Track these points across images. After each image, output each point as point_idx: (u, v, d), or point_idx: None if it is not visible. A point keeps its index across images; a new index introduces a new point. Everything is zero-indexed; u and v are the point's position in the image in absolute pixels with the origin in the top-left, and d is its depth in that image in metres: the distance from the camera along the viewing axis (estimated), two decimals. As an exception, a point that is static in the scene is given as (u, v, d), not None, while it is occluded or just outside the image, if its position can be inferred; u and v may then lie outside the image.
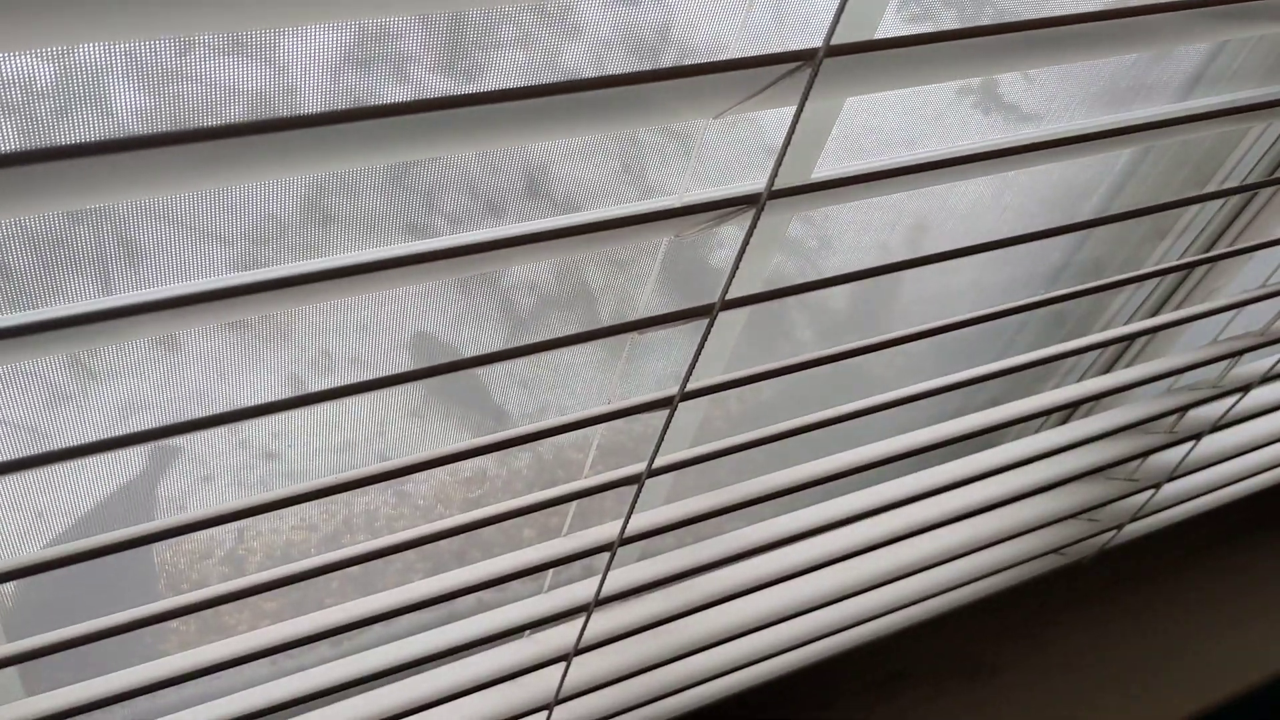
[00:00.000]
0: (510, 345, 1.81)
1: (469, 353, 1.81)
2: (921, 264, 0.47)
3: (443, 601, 0.56)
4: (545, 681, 0.62)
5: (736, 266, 0.40)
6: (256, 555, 1.22)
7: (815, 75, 0.34)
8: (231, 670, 0.61)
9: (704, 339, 0.43)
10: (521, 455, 1.39)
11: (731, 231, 2.02)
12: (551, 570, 0.59)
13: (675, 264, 1.91)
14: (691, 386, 0.44)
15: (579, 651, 0.58)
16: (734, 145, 2.11)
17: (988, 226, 1.37)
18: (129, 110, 1.67)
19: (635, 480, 0.48)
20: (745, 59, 0.33)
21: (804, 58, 0.34)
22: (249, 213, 1.72)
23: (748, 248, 0.41)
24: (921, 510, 0.73)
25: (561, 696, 0.62)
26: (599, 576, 0.55)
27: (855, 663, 0.77)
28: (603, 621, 0.58)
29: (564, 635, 0.59)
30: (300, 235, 1.71)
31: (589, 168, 1.83)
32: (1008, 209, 1.21)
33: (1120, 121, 0.52)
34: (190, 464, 1.53)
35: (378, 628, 0.64)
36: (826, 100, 0.36)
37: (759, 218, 0.39)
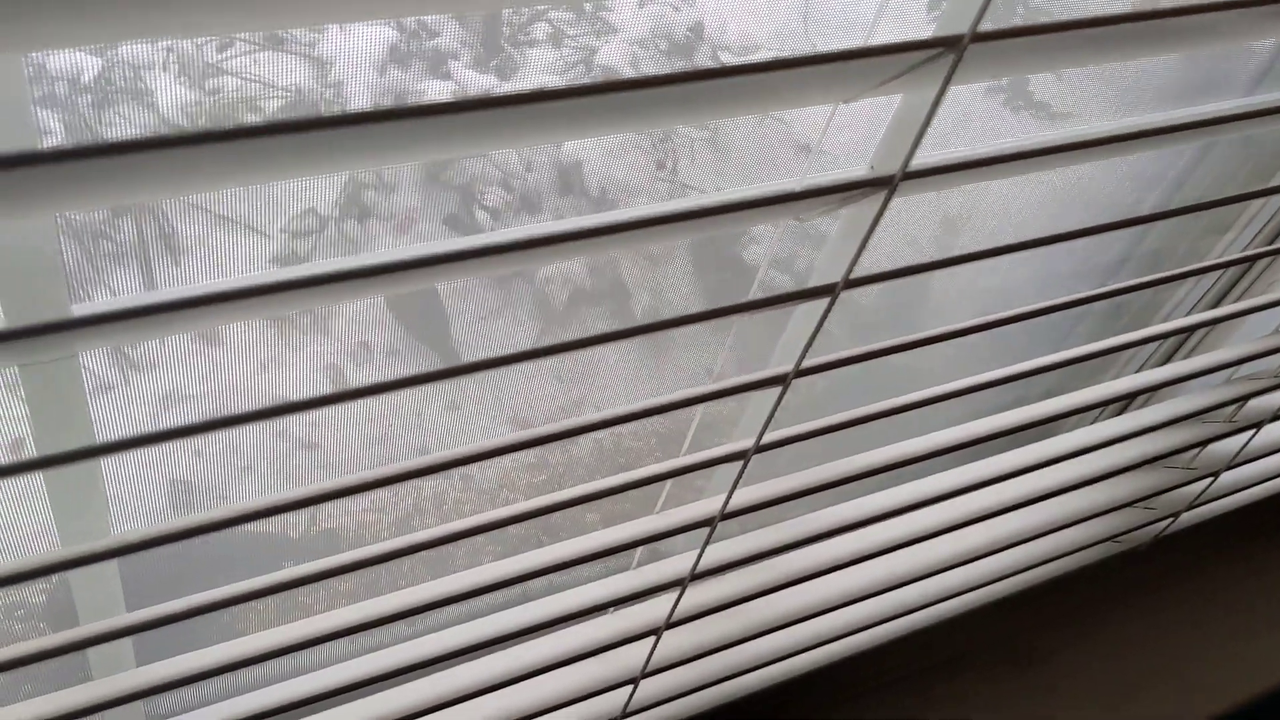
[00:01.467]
0: (543, 339, 1.82)
1: (501, 346, 1.82)
2: (1013, 250, 0.48)
3: (534, 578, 0.57)
4: (631, 656, 0.63)
5: (863, 246, 0.41)
6: (329, 537, 1.24)
7: (959, 61, 0.35)
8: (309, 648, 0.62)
9: (824, 317, 0.44)
10: (581, 443, 1.40)
11: (765, 230, 2.03)
12: (628, 550, 0.60)
13: (706, 261, 1.92)
14: (807, 364, 0.46)
15: (670, 625, 0.59)
16: (762, 144, 2.12)
17: (1046, 220, 1.38)
18: (171, 104, 1.69)
19: (741, 456, 0.49)
20: (889, 45, 0.34)
21: (948, 44, 0.35)
22: (288, 207, 1.73)
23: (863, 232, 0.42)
24: (980, 499, 0.74)
25: (649, 670, 0.63)
26: (695, 552, 0.56)
27: (915, 645, 0.79)
28: (695, 596, 0.59)
29: (654, 610, 0.60)
30: (338, 229, 1.73)
31: (621, 166, 1.84)
32: (1073, 202, 1.21)
33: (1202, 115, 0.53)
34: (230, 454, 1.54)
35: (456, 607, 0.65)
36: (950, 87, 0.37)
37: (890, 199, 0.41)
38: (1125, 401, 0.95)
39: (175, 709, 0.71)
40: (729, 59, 1.91)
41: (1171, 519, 0.88)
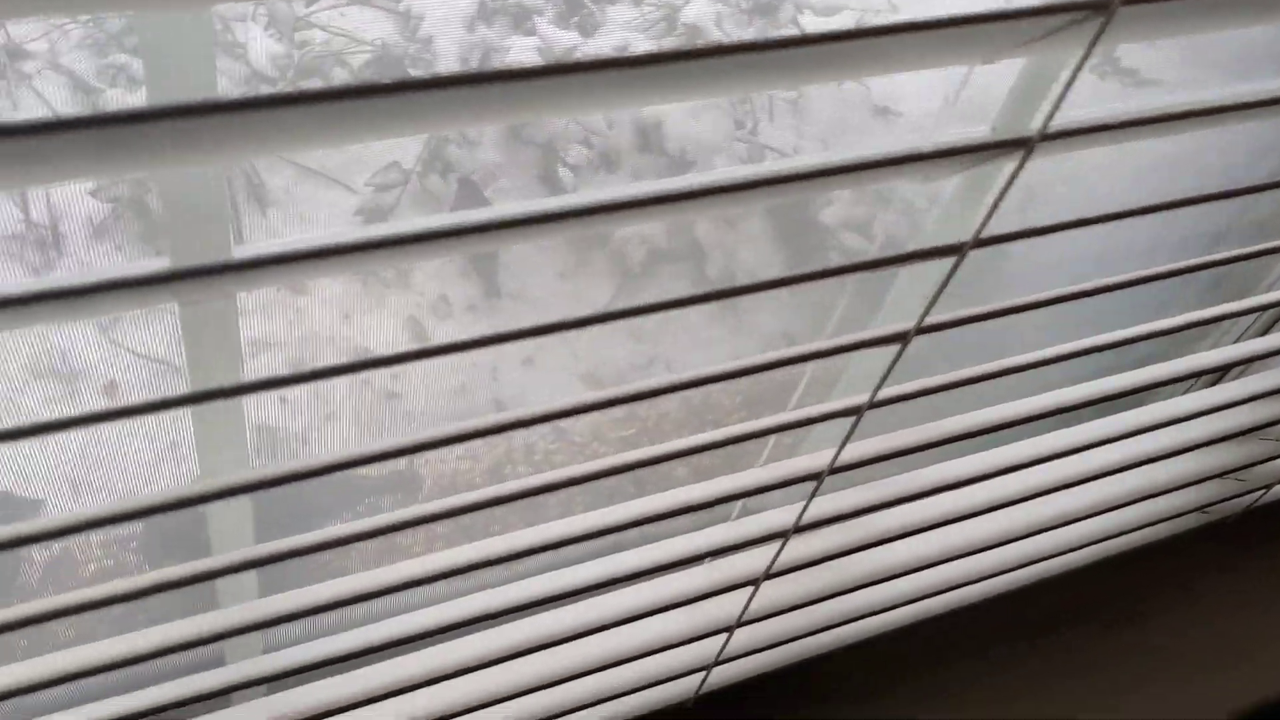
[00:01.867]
0: (620, 301, 1.83)
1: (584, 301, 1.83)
2: (1148, 212, 0.49)
3: (638, 526, 0.59)
4: (726, 606, 0.65)
5: (995, 207, 0.42)
6: (426, 481, 1.28)
7: (1107, 23, 0.35)
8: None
9: (949, 276, 0.45)
10: (670, 398, 1.42)
11: (841, 191, 2.02)
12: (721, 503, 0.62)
13: (781, 223, 1.92)
14: (928, 322, 0.46)
15: (769, 576, 0.61)
16: (840, 106, 2.10)
17: (1154, 187, 1.36)
18: (261, 56, 1.72)
19: (855, 412, 0.50)
20: (1037, 7, 0.35)
21: (1096, 6, 0.35)
22: (373, 161, 1.76)
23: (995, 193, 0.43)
24: (1074, 464, 0.74)
25: (744, 620, 0.64)
26: (800, 504, 0.57)
27: (1011, 606, 0.80)
28: (796, 549, 0.61)
29: (753, 561, 0.62)
30: (421, 184, 1.75)
31: (701, 124, 1.84)
32: (1184, 168, 1.20)
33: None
34: (316, 401, 1.58)
35: (550, 555, 0.67)
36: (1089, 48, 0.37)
37: (1027, 159, 0.41)
38: (1221, 372, 0.95)
39: (286, 642, 0.74)
40: (810, 18, 1.90)
41: (1263, 490, 0.88)
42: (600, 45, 1.57)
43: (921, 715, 0.82)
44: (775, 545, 0.61)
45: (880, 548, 0.64)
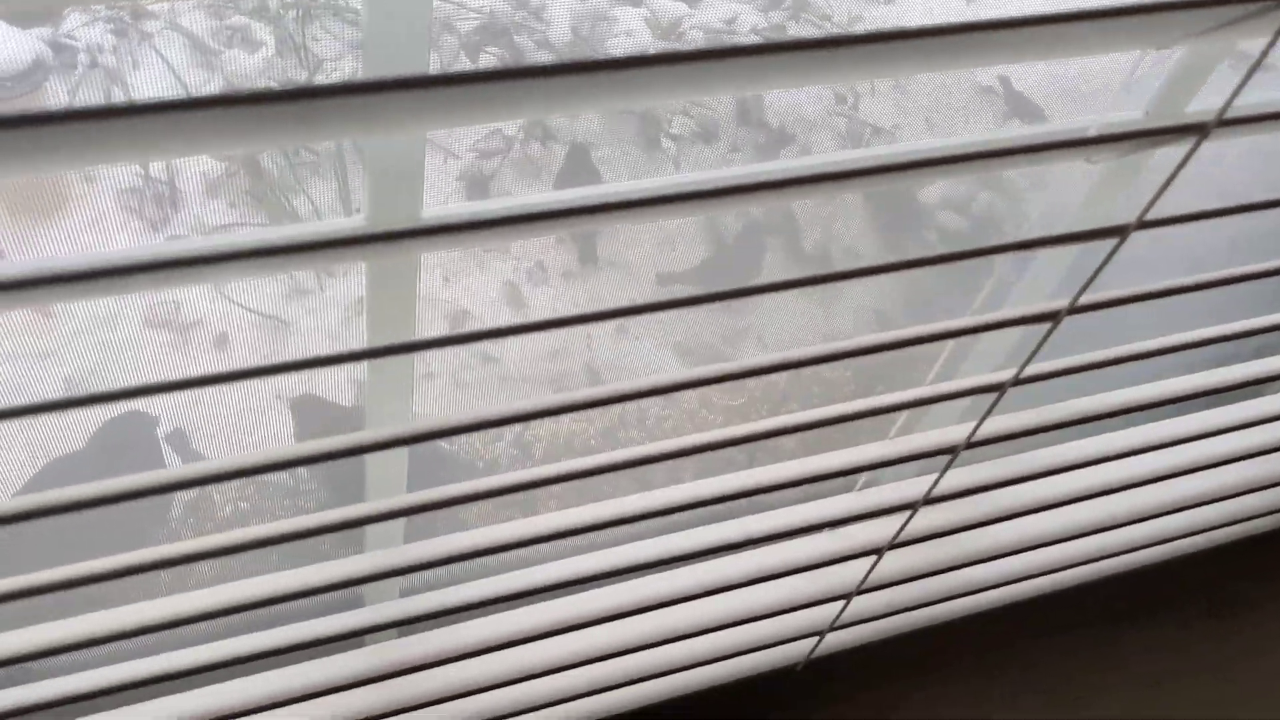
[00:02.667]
0: (713, 269, 1.84)
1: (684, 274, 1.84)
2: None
3: (763, 493, 0.61)
4: (847, 573, 0.66)
5: (1163, 190, 0.42)
6: (542, 442, 1.32)
7: (1296, 12, 0.36)
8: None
9: (1109, 257, 0.45)
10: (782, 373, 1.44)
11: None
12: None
13: (878, 200, 1.91)
14: (1082, 302, 0.47)
15: (893, 546, 0.63)
16: (942, 83, 2.08)
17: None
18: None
19: (998, 388, 0.51)
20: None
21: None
22: (476, 128, 1.79)
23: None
24: (1185, 452, 0.74)
25: (864, 587, 0.66)
26: (933, 476, 0.59)
27: (1109, 589, 0.80)
28: (922, 520, 0.62)
29: (878, 530, 0.63)
30: (523, 150, 1.78)
31: (801, 97, 1.83)
32: None
33: None
34: (415, 360, 1.63)
35: (666, 518, 0.69)
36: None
37: (1200, 144, 0.41)
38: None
39: (420, 587, 0.77)
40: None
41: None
42: (708, 17, 1.57)
43: (1024, 693, 0.83)
44: (903, 516, 0.62)
45: (1005, 523, 0.65)
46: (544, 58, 1.74)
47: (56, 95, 1.59)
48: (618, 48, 1.53)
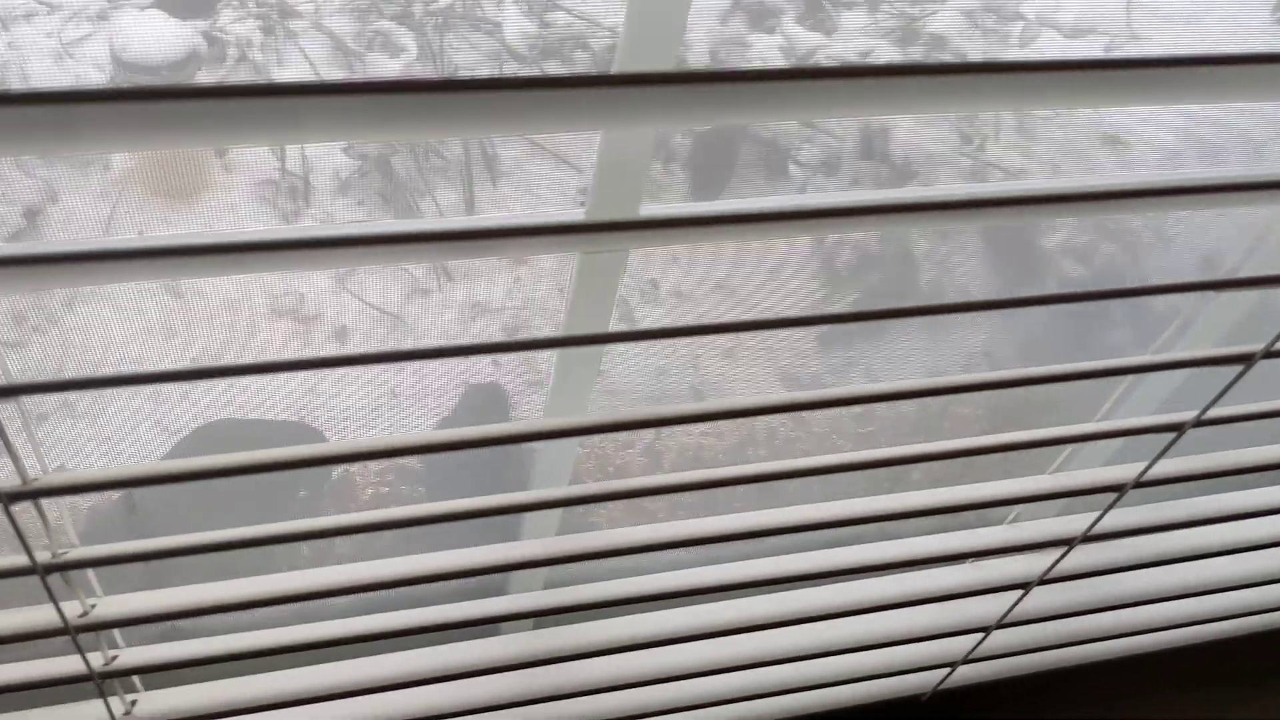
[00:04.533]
0: (827, 303, 1.83)
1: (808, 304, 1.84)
2: None
3: (925, 515, 0.61)
4: (989, 606, 0.66)
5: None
6: (671, 452, 1.33)
7: None
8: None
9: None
10: (909, 401, 1.43)
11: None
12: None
13: (998, 242, 1.90)
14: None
15: (1044, 581, 0.62)
16: (1068, 129, 2.06)
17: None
18: (515, 33, 1.79)
19: (1176, 428, 0.50)
20: None
21: None
22: (598, 141, 1.82)
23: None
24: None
25: (1006, 622, 0.66)
26: (1093, 514, 0.58)
27: (1253, 646, 0.78)
28: (1077, 557, 0.61)
29: (1027, 564, 0.63)
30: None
31: (928, 135, 1.83)
32: None
33: None
34: (524, 368, 1.64)
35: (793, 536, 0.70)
36: None
37: None
38: None
39: (560, 583, 0.78)
40: (1053, 36, 1.87)
41: None
42: (844, 49, 1.58)
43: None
44: (1056, 552, 0.62)
45: (1162, 568, 0.64)
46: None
47: (206, 85, 1.65)
48: (753, 73, 1.54)
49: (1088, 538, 0.59)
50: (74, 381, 0.39)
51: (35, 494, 0.40)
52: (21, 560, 0.42)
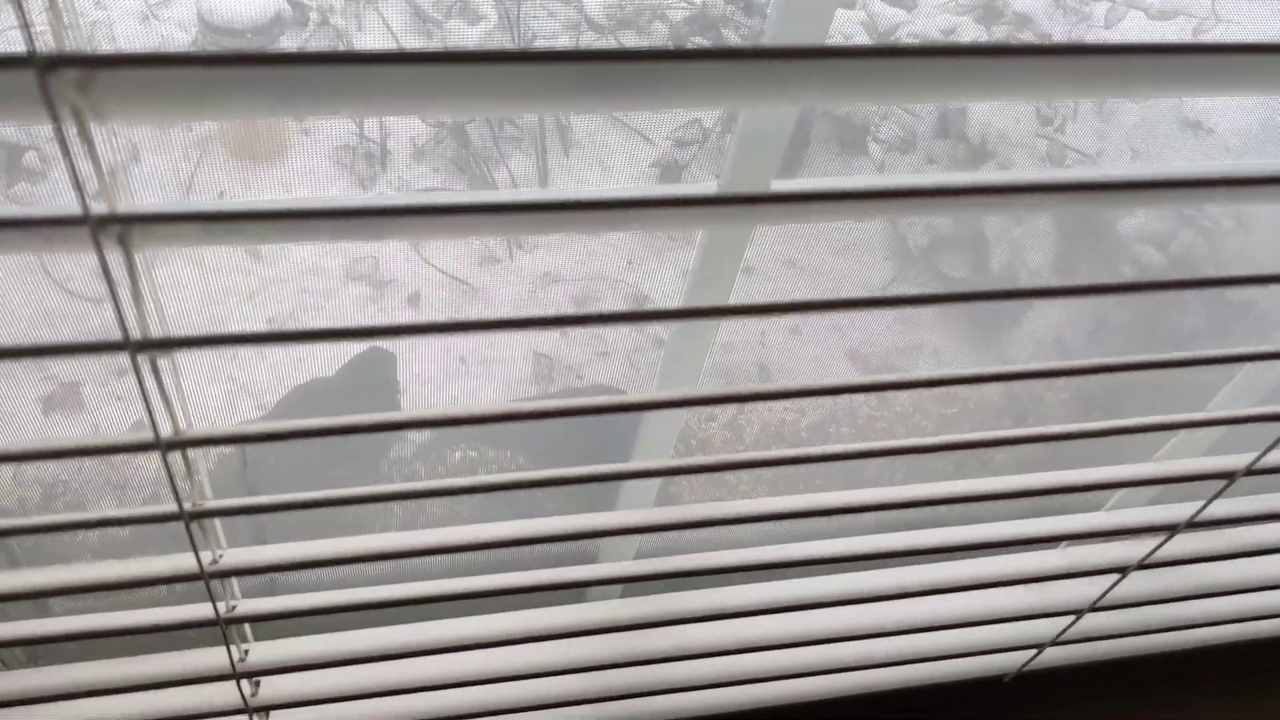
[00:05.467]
0: (897, 283, 1.82)
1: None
2: None
3: (1010, 498, 0.61)
4: (1081, 590, 0.66)
5: None
6: (754, 426, 1.34)
7: None
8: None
9: None
10: (995, 385, 1.43)
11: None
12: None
13: (1074, 225, 1.87)
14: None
15: (1142, 566, 0.62)
16: (1148, 115, 2.02)
17: None
18: (594, 2, 1.79)
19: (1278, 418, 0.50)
20: None
21: None
22: (674, 116, 1.82)
23: None
24: None
25: (1099, 605, 0.66)
26: (1197, 503, 0.58)
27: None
28: (1178, 545, 0.61)
29: (1124, 550, 0.63)
30: (717, 143, 1.80)
31: (1006, 117, 1.81)
32: None
33: None
34: (593, 339, 1.66)
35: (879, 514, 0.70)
36: None
37: None
38: None
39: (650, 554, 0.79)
40: (1140, 20, 1.84)
41: None
42: (926, 26, 1.57)
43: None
44: (1157, 538, 0.62)
45: (1261, 558, 0.63)
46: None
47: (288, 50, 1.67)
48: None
49: (1194, 524, 0.59)
50: (218, 337, 0.41)
51: (186, 444, 0.41)
52: (168, 507, 0.44)
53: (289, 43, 1.70)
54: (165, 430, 0.41)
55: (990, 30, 1.56)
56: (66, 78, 0.29)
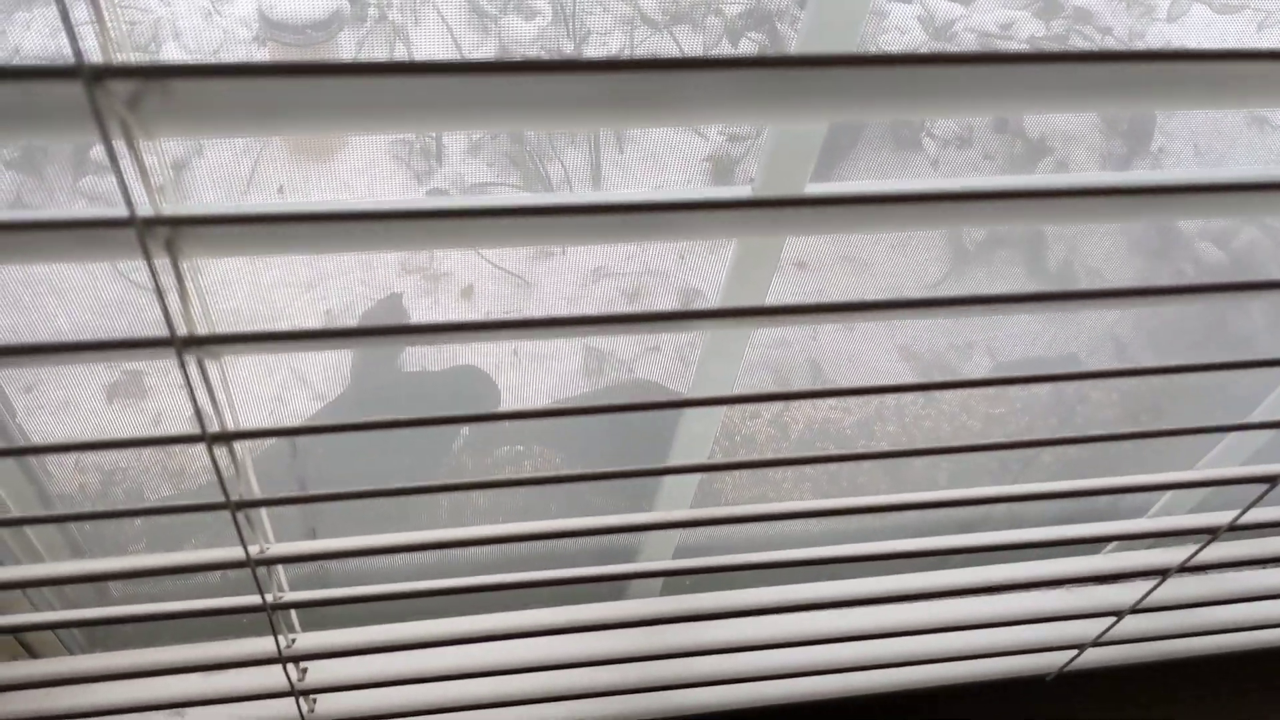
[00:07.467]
0: (947, 281, 1.81)
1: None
2: None
3: (1060, 498, 0.61)
4: (1123, 592, 0.66)
5: None
6: (799, 423, 1.34)
7: None
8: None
9: None
10: (1042, 385, 1.42)
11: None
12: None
13: (1133, 224, 1.84)
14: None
15: (1183, 569, 0.61)
16: (1210, 111, 1.98)
17: None
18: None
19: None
20: None
21: None
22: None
23: None
24: None
25: (1140, 607, 0.65)
26: (1235, 510, 0.57)
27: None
28: (1218, 549, 0.61)
29: (1165, 553, 0.62)
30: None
31: (1066, 114, 1.78)
32: None
33: None
34: (641, 336, 1.66)
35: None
36: None
37: None
38: None
39: (688, 553, 0.80)
40: (1204, 12, 1.81)
41: None
42: (983, 20, 1.55)
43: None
44: (1200, 540, 0.61)
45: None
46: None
47: (346, 46, 1.70)
48: (889, 45, 1.52)
49: (1234, 527, 0.59)
50: (261, 335, 0.42)
51: (232, 437, 0.43)
52: (216, 498, 0.46)
53: (348, 38, 1.73)
54: (212, 425, 0.43)
55: (1049, 25, 1.54)
56: (115, 90, 0.30)
